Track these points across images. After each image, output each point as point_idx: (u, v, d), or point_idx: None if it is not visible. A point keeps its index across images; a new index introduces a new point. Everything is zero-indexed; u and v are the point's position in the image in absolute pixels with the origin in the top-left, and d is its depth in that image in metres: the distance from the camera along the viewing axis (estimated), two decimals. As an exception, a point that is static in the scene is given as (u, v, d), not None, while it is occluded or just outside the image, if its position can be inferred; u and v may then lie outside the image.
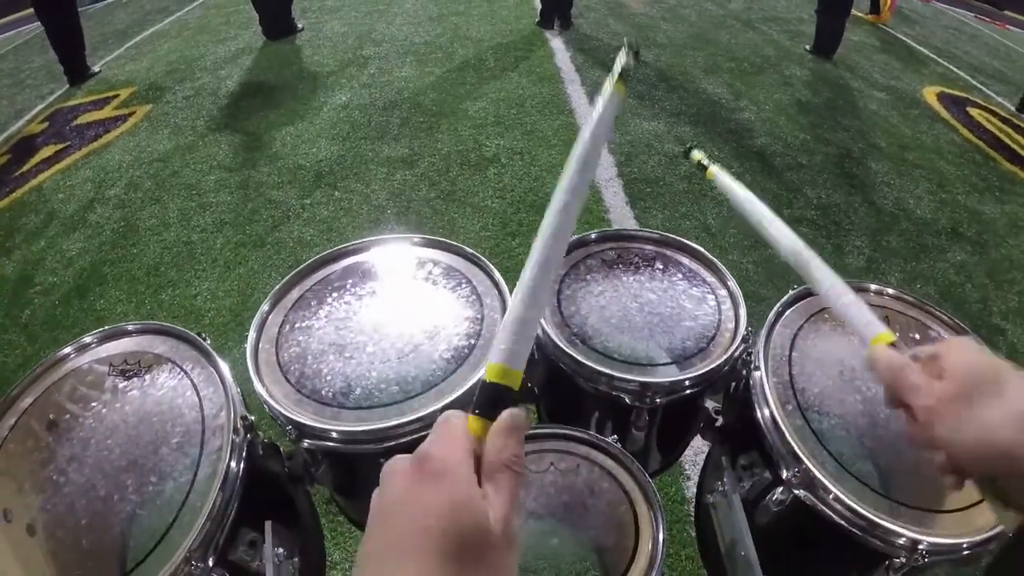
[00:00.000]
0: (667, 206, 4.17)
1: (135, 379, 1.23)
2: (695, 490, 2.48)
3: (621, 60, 0.75)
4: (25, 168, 4.95)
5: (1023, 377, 0.60)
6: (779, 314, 1.37)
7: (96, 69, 6.53)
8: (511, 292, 1.39)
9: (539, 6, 7.08)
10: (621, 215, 4.04)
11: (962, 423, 0.59)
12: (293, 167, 4.66)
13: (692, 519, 2.39)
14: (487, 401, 0.57)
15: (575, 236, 1.59)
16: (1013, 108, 6.32)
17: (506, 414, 0.56)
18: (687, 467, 2.57)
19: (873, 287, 1.45)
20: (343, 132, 5.06)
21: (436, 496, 0.48)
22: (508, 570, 0.49)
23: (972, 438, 0.59)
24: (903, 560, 1.02)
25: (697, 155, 1.29)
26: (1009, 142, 5.57)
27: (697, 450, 2.38)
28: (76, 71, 6.31)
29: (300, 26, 7.21)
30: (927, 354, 0.66)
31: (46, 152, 5.13)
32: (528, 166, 4.54)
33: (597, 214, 4.04)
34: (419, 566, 0.45)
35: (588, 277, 1.52)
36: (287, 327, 1.37)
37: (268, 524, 1.17)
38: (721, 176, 1.17)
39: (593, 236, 1.62)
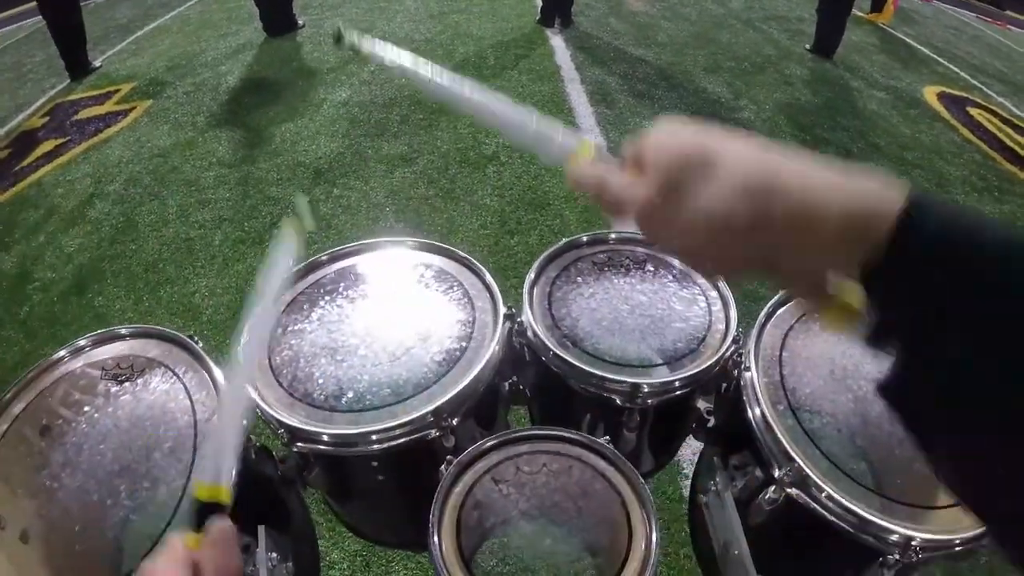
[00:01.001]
0: (666, 205, 4.15)
1: (128, 383, 1.24)
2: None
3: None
4: (25, 162, 4.96)
5: (739, 146, 0.51)
6: (769, 314, 1.38)
7: (97, 64, 6.52)
8: (502, 294, 1.41)
9: (540, 4, 7.06)
10: (620, 213, 4.03)
11: (673, 222, 0.51)
12: (292, 164, 4.67)
13: (688, 518, 2.40)
14: (199, 518, 0.63)
15: (566, 239, 1.61)
16: (1015, 110, 6.34)
17: (213, 528, 0.62)
18: (685, 466, 2.58)
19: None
20: (343, 129, 5.06)
21: None
22: None
23: (689, 232, 0.51)
24: (896, 557, 1.03)
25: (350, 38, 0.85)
26: (1009, 142, 5.56)
27: (696, 449, 2.37)
28: (77, 66, 6.30)
29: (301, 22, 7.19)
30: (631, 152, 0.55)
31: (46, 146, 5.14)
32: (527, 164, 4.53)
33: (596, 212, 4.03)
34: None
35: (579, 280, 1.53)
36: (279, 330, 1.38)
37: (262, 529, 1.18)
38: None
39: (584, 239, 1.63)
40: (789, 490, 1.12)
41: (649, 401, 1.31)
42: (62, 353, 1.30)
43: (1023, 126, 5.98)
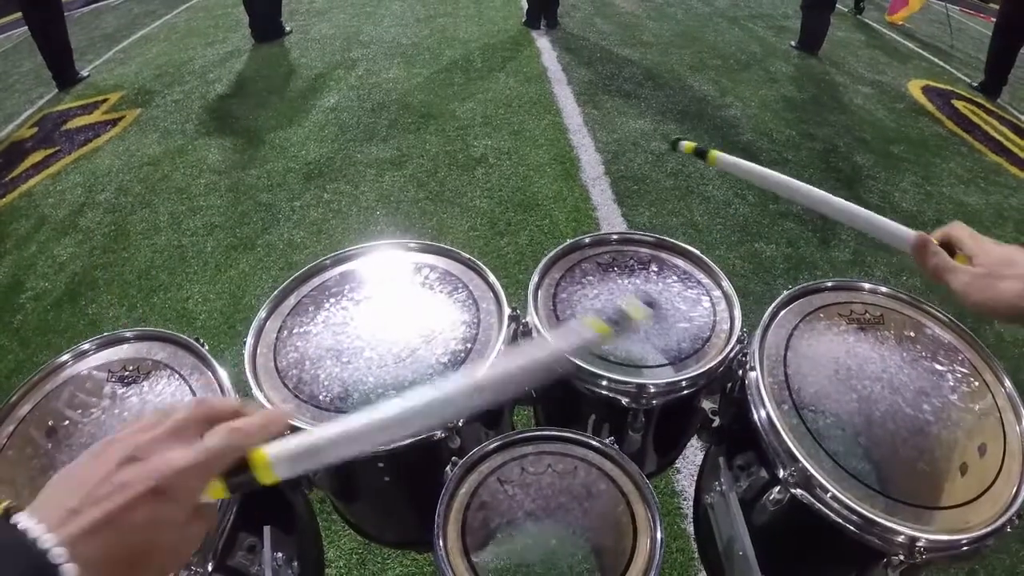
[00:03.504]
0: (654, 203, 4.19)
1: (134, 385, 1.24)
2: (684, 483, 2.51)
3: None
4: (15, 173, 4.93)
5: None
6: (773, 314, 1.38)
7: (85, 73, 6.50)
8: (506, 295, 1.41)
9: (526, 6, 7.09)
10: (609, 213, 4.07)
11: (989, 297, 0.91)
12: (282, 170, 4.67)
13: (682, 512, 2.42)
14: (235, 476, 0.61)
15: (570, 240, 1.62)
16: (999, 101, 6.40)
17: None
18: (677, 460, 2.59)
19: (867, 286, 1.46)
20: (332, 134, 5.07)
21: None
22: None
23: (1003, 305, 0.89)
24: (901, 558, 1.02)
25: (688, 144, 1.42)
26: (994, 134, 5.62)
27: (692, 444, 2.41)
28: (64, 76, 6.27)
29: (288, 29, 7.19)
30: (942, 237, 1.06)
31: (36, 157, 5.11)
32: (516, 166, 4.56)
33: (585, 212, 4.07)
34: None
35: (584, 280, 1.53)
36: (285, 332, 1.38)
37: (267, 529, 1.18)
38: (724, 157, 1.32)
39: (587, 240, 1.63)
40: (794, 490, 1.12)
41: (654, 401, 1.30)
42: (66, 357, 1.29)
43: (1008, 118, 6.04)
